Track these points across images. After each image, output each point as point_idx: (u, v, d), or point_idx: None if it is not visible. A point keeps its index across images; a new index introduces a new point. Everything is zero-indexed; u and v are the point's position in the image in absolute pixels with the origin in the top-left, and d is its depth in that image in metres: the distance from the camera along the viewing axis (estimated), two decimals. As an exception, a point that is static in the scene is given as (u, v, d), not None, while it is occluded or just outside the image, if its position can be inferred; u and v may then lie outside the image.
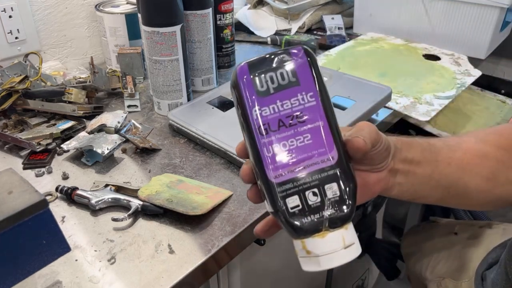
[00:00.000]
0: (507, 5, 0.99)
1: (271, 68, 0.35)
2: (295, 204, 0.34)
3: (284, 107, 0.35)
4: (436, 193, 0.46)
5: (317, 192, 0.34)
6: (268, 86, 0.35)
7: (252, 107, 0.35)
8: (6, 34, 0.91)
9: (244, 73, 0.35)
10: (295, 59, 0.35)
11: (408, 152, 0.43)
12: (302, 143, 0.34)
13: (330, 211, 0.34)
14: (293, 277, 0.90)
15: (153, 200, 0.60)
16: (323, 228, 0.34)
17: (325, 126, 0.35)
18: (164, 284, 0.50)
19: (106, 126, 0.76)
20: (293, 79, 0.35)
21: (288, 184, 0.34)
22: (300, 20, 1.26)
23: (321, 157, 0.34)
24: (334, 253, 0.34)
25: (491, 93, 1.10)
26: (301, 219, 0.34)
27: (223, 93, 0.86)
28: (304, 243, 0.35)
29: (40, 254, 0.47)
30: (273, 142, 0.34)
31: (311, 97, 0.35)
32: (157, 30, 0.76)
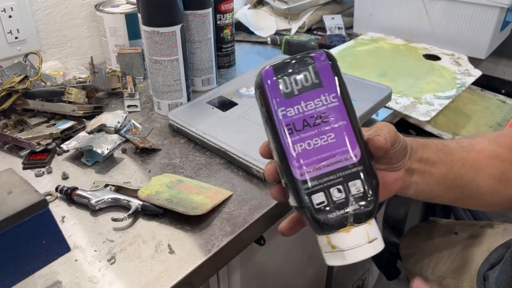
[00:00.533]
0: (507, 5, 0.99)
1: (294, 70, 0.37)
2: (321, 200, 0.35)
3: (308, 107, 0.36)
4: (450, 193, 0.47)
5: (341, 189, 0.36)
6: (292, 88, 0.36)
7: (277, 108, 0.36)
8: (6, 34, 0.91)
9: (269, 76, 0.37)
10: (317, 62, 0.37)
11: (424, 152, 0.44)
12: (326, 142, 0.36)
13: (354, 207, 0.35)
14: (293, 277, 0.90)
15: (153, 200, 0.60)
16: (348, 223, 0.35)
17: (347, 126, 0.36)
18: (164, 284, 0.50)
19: (106, 126, 0.75)
20: (316, 81, 0.36)
21: (314, 181, 0.36)
22: (300, 20, 1.26)
23: (344, 155, 0.36)
24: (358, 247, 0.36)
25: (491, 93, 1.10)
26: (327, 215, 0.35)
27: (223, 93, 0.86)
28: (329, 238, 0.36)
29: (40, 254, 0.47)
30: (298, 141, 0.36)
31: (333, 98, 0.36)
32: (157, 30, 0.76)
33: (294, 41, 1.09)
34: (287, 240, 0.81)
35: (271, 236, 0.74)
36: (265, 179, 0.41)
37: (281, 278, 0.86)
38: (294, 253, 0.86)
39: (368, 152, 0.37)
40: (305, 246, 0.88)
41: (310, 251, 0.92)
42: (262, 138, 0.72)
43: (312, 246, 0.97)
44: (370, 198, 0.36)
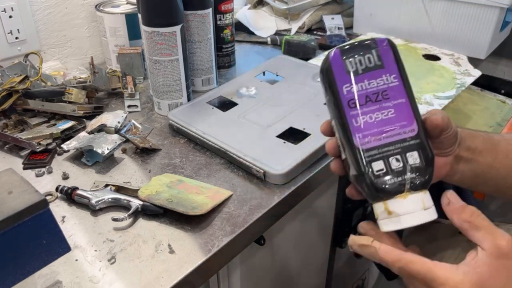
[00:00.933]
0: (507, 5, 0.99)
1: (359, 53, 0.41)
2: (380, 167, 0.39)
3: (371, 85, 0.40)
4: (494, 182, 0.50)
5: (399, 159, 0.39)
6: (357, 67, 0.40)
7: (343, 84, 0.40)
8: (6, 34, 0.91)
9: (336, 56, 0.41)
10: (380, 47, 0.41)
11: (472, 142, 0.47)
12: (387, 117, 0.40)
13: (411, 175, 0.39)
14: (293, 277, 0.91)
15: (153, 200, 0.60)
16: (405, 190, 0.39)
17: (406, 103, 0.40)
18: (164, 284, 0.50)
19: (106, 126, 0.76)
20: (379, 62, 0.40)
21: (374, 150, 0.39)
22: (300, 20, 1.26)
23: (403, 129, 0.39)
24: (414, 213, 0.39)
25: (491, 93, 1.10)
26: (385, 181, 0.39)
27: (223, 93, 0.86)
28: (387, 204, 0.39)
29: (40, 254, 0.47)
30: (361, 114, 0.40)
31: (394, 78, 0.40)
32: (157, 30, 0.76)
33: (294, 41, 1.09)
34: (287, 240, 0.81)
35: (271, 236, 0.74)
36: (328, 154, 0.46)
37: (281, 278, 0.86)
38: (294, 253, 0.86)
39: (425, 129, 0.41)
40: (305, 246, 0.88)
41: (310, 251, 0.92)
42: (262, 138, 0.72)
43: (312, 246, 0.97)
44: (426, 169, 0.39)
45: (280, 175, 0.64)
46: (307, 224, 0.85)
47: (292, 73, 0.90)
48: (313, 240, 0.91)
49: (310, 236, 0.89)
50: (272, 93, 0.84)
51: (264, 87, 0.87)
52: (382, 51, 0.41)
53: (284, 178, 0.65)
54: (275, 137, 0.72)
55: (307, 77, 0.87)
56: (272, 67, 0.94)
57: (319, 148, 0.69)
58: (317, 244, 0.94)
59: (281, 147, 0.69)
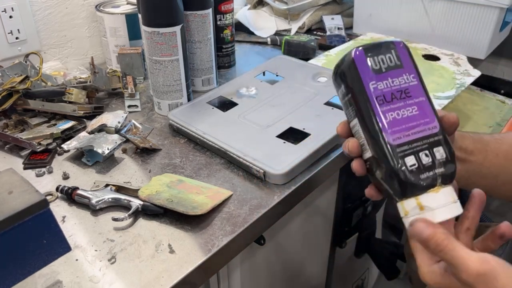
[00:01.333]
0: (507, 5, 0.99)
1: (381, 52, 0.42)
2: (412, 163, 0.39)
3: (394, 83, 0.41)
4: (486, 181, 0.52)
5: (428, 154, 0.40)
6: (380, 65, 0.42)
7: (370, 81, 0.41)
8: (7, 34, 0.91)
9: (361, 55, 0.42)
10: (398, 47, 0.42)
11: (462, 142, 0.50)
12: (412, 113, 0.41)
13: (441, 169, 0.40)
14: (293, 277, 0.91)
15: (153, 200, 0.60)
16: (437, 184, 0.40)
17: (426, 101, 0.41)
18: (164, 284, 0.50)
19: (107, 126, 0.76)
20: (398, 62, 0.42)
21: (405, 146, 0.40)
22: (300, 20, 1.26)
23: (427, 125, 0.41)
24: (446, 206, 0.40)
25: (490, 93, 1.10)
26: (419, 176, 0.39)
27: (223, 93, 0.86)
28: (419, 199, 0.40)
29: (40, 254, 0.47)
30: (389, 110, 0.41)
31: (413, 78, 0.42)
32: (158, 31, 0.76)
33: (294, 41, 1.09)
34: (287, 240, 0.81)
35: (271, 236, 0.75)
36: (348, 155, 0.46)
37: (281, 278, 0.86)
38: (294, 253, 0.86)
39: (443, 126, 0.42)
40: (305, 246, 0.88)
41: (311, 251, 0.92)
42: (262, 138, 0.72)
43: (312, 246, 0.98)
44: (451, 162, 0.40)
45: (280, 175, 0.64)
46: (307, 224, 0.85)
47: (292, 73, 0.91)
48: (313, 240, 0.92)
49: (310, 236, 0.89)
50: (272, 93, 0.84)
51: (264, 87, 0.87)
52: (400, 51, 0.42)
53: (284, 178, 0.65)
54: (275, 137, 0.72)
55: (307, 77, 0.88)
56: (272, 67, 0.94)
57: (319, 148, 0.69)
58: (317, 244, 0.94)
59: (281, 147, 0.69)
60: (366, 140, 0.42)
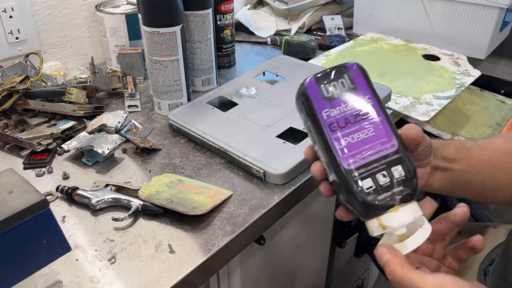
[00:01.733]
0: (507, 5, 0.99)
1: (333, 78, 0.42)
2: (369, 185, 0.40)
3: (348, 107, 0.42)
4: (472, 188, 0.52)
5: (386, 174, 0.40)
6: (332, 92, 0.42)
7: (322, 110, 0.42)
8: (7, 34, 0.91)
9: (312, 85, 0.43)
10: (351, 70, 0.43)
11: (444, 151, 0.49)
12: (367, 135, 0.41)
13: (399, 188, 0.40)
14: (293, 277, 0.91)
15: (153, 200, 0.60)
16: (396, 203, 0.40)
17: (383, 121, 0.42)
18: (164, 284, 0.50)
19: (107, 126, 0.76)
20: (352, 85, 0.42)
21: (361, 169, 0.40)
22: (300, 20, 1.27)
23: (384, 145, 0.41)
24: (408, 224, 0.40)
25: (490, 93, 1.11)
26: (376, 197, 0.40)
27: (223, 93, 0.86)
28: (380, 219, 0.40)
29: (40, 254, 0.47)
30: (343, 136, 0.41)
31: (368, 99, 0.42)
32: (158, 31, 0.76)
33: (294, 41, 1.09)
34: (287, 240, 0.81)
35: (271, 236, 0.75)
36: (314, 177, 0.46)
37: (281, 278, 0.86)
38: (294, 253, 0.86)
39: (403, 144, 0.42)
40: (305, 246, 0.88)
41: (310, 251, 0.92)
42: (262, 138, 0.72)
43: (312, 246, 0.97)
44: (411, 180, 0.40)
45: (280, 175, 0.64)
46: (307, 224, 0.85)
47: (292, 73, 0.91)
48: (313, 240, 0.92)
49: (310, 236, 0.89)
50: (272, 93, 0.84)
51: (264, 87, 0.87)
52: (353, 74, 0.43)
53: (284, 178, 0.65)
54: (275, 137, 0.72)
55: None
56: (272, 67, 0.94)
57: (319, 148, 0.69)
58: (317, 244, 0.94)
59: (281, 147, 0.70)
60: (327, 165, 0.42)
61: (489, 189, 0.52)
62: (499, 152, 0.52)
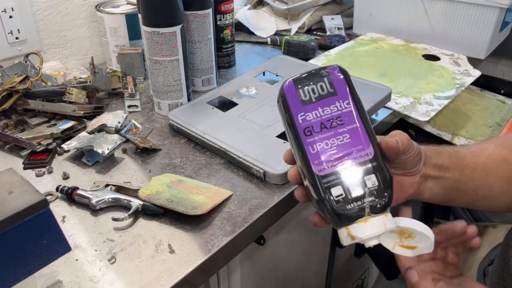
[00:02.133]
0: (507, 5, 0.99)
1: (312, 82, 0.41)
2: (339, 193, 0.39)
3: (325, 112, 0.40)
4: (465, 196, 0.50)
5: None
6: (310, 96, 0.41)
7: (297, 113, 0.41)
8: (7, 34, 0.91)
9: (290, 87, 0.42)
10: (332, 74, 0.41)
11: (437, 159, 0.47)
12: (342, 142, 0.40)
13: (370, 198, 0.38)
14: (293, 277, 0.91)
15: (154, 200, 0.60)
16: (365, 214, 0.38)
17: (361, 127, 0.40)
18: (164, 284, 0.50)
19: (107, 126, 0.76)
20: (331, 90, 0.41)
21: (331, 176, 0.39)
22: (300, 20, 1.27)
23: (359, 153, 0.39)
24: (376, 236, 0.39)
25: (490, 93, 1.11)
26: (345, 206, 0.38)
27: (223, 93, 0.86)
28: (349, 229, 0.39)
29: (40, 254, 0.47)
30: (317, 141, 0.40)
31: (347, 104, 0.41)
32: (158, 31, 0.76)
33: (294, 41, 1.09)
34: (287, 240, 0.81)
35: (271, 236, 0.75)
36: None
37: (281, 278, 0.86)
38: (294, 253, 0.86)
39: (381, 152, 0.41)
40: (305, 246, 0.88)
41: (310, 251, 0.92)
42: (262, 138, 0.72)
43: (312, 246, 0.97)
44: (384, 191, 0.39)
45: (280, 175, 0.64)
46: (307, 224, 0.85)
47: (292, 73, 0.90)
48: (313, 240, 0.92)
49: (310, 236, 0.89)
50: (272, 93, 0.84)
51: (264, 87, 0.87)
52: (334, 78, 0.41)
53: (284, 178, 0.65)
54: (275, 137, 0.72)
55: (307, 77, 0.87)
56: (272, 67, 0.94)
57: (319, 148, 0.69)
58: (317, 244, 0.94)
59: (281, 147, 0.69)
60: (301, 169, 0.41)
61: (482, 197, 0.51)
62: (493, 159, 0.51)
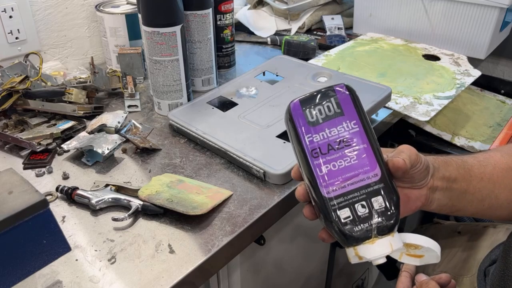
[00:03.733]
0: (507, 5, 0.99)
1: (318, 102, 0.41)
2: (347, 215, 0.39)
3: (332, 133, 0.41)
4: (472, 206, 0.50)
5: (365, 205, 0.39)
6: (317, 117, 0.41)
7: (305, 135, 0.41)
8: (7, 34, 0.91)
9: (297, 108, 0.42)
10: (338, 94, 0.41)
11: (446, 170, 0.48)
12: (349, 163, 0.40)
13: (377, 220, 0.39)
14: (293, 277, 0.91)
15: (153, 200, 0.60)
16: (372, 235, 0.39)
17: (368, 148, 0.40)
18: (164, 284, 0.50)
19: (107, 126, 0.76)
20: (338, 110, 0.41)
21: (339, 198, 0.39)
22: (300, 20, 1.27)
23: (366, 175, 0.40)
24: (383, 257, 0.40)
25: (490, 93, 1.11)
26: (353, 228, 0.39)
27: (223, 93, 0.86)
28: (356, 250, 0.40)
29: (40, 254, 0.47)
30: (324, 163, 0.40)
31: (354, 125, 0.41)
32: (158, 31, 0.76)
33: (294, 41, 1.09)
34: (287, 240, 0.81)
35: (271, 236, 0.75)
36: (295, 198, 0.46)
37: (281, 278, 0.86)
38: (294, 253, 0.86)
39: (389, 171, 0.41)
40: (305, 246, 0.88)
41: (310, 251, 0.92)
42: (262, 138, 0.72)
43: (312, 246, 0.97)
44: (391, 212, 0.39)
45: (280, 175, 0.64)
46: (307, 224, 0.85)
47: (292, 73, 0.91)
48: (313, 240, 0.91)
49: (310, 236, 0.89)
50: (272, 93, 0.84)
51: (264, 87, 0.87)
52: (340, 98, 0.41)
53: (284, 178, 0.65)
54: (275, 137, 0.72)
55: (307, 77, 0.88)
56: (272, 67, 0.94)
57: (319, 148, 0.69)
58: (317, 244, 0.94)
59: (281, 147, 0.69)
60: (309, 189, 0.42)
61: (489, 207, 0.51)
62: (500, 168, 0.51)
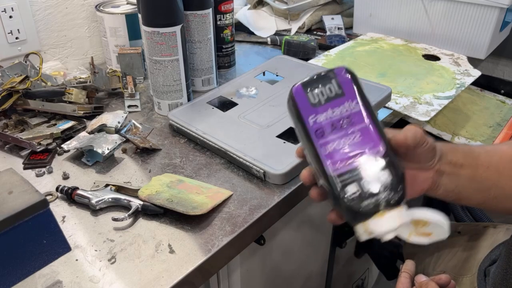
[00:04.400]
0: (507, 5, 0.99)
1: (320, 84, 0.42)
2: (354, 190, 0.40)
3: (335, 113, 0.42)
4: (478, 195, 0.51)
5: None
6: (319, 98, 0.42)
7: (308, 116, 0.42)
8: (7, 34, 0.91)
9: (299, 91, 0.43)
10: (339, 76, 0.42)
11: (453, 156, 0.48)
12: (353, 141, 0.41)
13: (385, 193, 0.39)
14: (293, 277, 0.91)
15: (153, 200, 0.60)
16: (381, 209, 0.39)
17: (370, 126, 0.41)
18: (164, 284, 0.50)
19: (107, 126, 0.76)
20: (339, 91, 0.42)
21: (346, 175, 0.40)
22: (300, 20, 1.27)
23: (371, 150, 0.41)
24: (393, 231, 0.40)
25: (490, 93, 1.11)
26: (361, 203, 0.39)
27: (223, 93, 0.86)
28: (366, 225, 0.40)
29: (40, 254, 0.47)
30: (329, 142, 0.41)
31: (356, 104, 0.42)
32: (157, 31, 0.76)
33: (294, 41, 1.09)
34: (287, 240, 0.81)
35: (271, 236, 0.75)
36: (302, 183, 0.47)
37: (281, 278, 0.86)
38: (294, 253, 0.86)
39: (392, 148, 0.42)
40: (305, 246, 0.88)
41: (310, 251, 0.92)
42: (262, 138, 0.72)
43: (312, 246, 0.97)
44: (398, 185, 0.40)
45: (280, 175, 0.64)
46: (307, 224, 0.85)
47: (292, 73, 0.91)
48: (313, 240, 0.92)
49: (310, 236, 0.89)
50: (272, 93, 0.84)
51: (264, 87, 0.87)
52: (341, 79, 0.42)
53: (284, 178, 0.65)
54: (275, 137, 0.72)
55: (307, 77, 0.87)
56: (272, 67, 0.94)
57: (319, 148, 0.69)
58: (317, 244, 0.94)
59: (281, 147, 0.69)
60: (315, 170, 0.43)
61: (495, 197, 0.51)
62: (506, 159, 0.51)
